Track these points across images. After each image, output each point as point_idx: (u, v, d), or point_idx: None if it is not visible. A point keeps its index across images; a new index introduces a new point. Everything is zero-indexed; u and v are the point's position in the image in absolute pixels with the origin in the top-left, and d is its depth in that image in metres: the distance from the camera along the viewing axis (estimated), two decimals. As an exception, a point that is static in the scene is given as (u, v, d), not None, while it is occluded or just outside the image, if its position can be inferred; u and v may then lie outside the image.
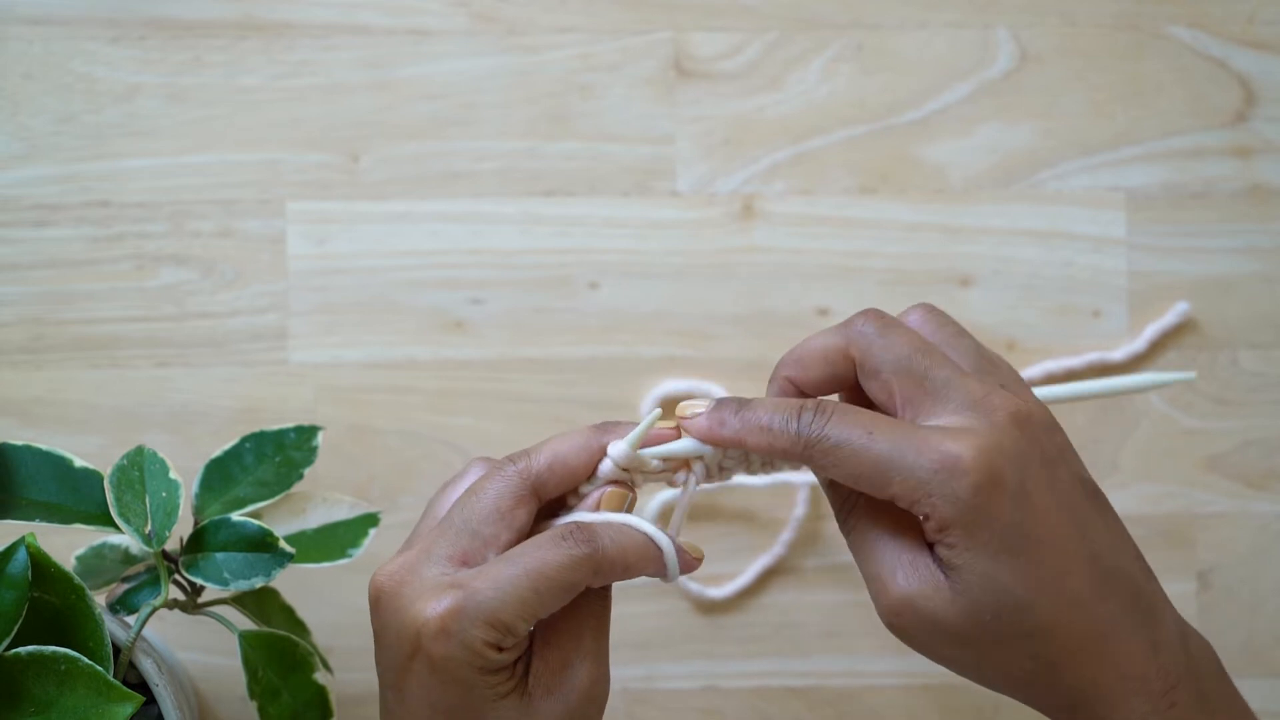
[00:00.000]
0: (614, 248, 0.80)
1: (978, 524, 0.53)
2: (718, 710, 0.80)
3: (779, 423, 0.55)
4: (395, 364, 0.80)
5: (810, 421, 0.55)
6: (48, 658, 0.57)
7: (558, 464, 0.56)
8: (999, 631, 0.53)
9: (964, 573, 0.53)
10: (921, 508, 0.53)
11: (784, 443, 0.55)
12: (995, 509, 0.53)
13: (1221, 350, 0.80)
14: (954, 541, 0.53)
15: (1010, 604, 0.53)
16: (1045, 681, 0.54)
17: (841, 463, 0.54)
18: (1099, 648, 0.54)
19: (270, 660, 0.65)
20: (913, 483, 0.53)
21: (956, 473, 0.52)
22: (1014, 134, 0.80)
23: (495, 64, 0.80)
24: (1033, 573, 0.53)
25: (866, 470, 0.53)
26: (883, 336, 0.56)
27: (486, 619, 0.52)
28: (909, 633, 0.55)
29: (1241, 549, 0.80)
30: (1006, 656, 0.54)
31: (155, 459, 0.64)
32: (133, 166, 0.80)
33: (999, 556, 0.53)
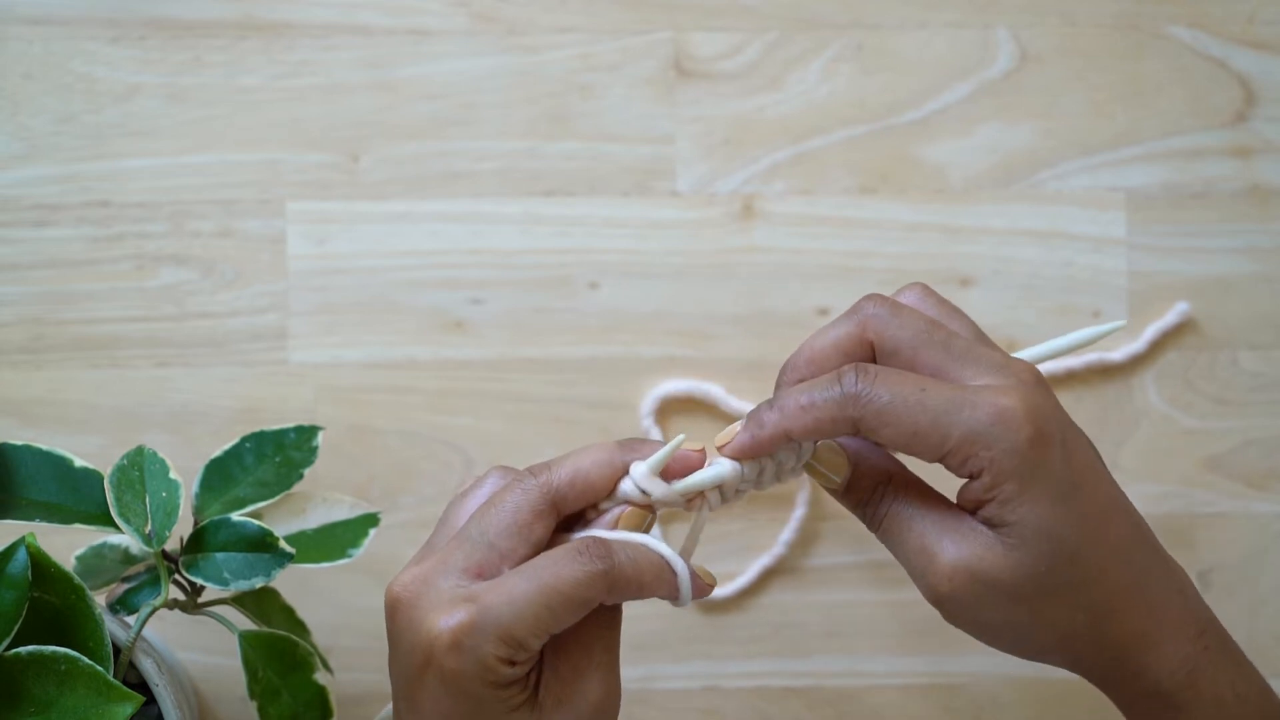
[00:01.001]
0: (614, 248, 0.80)
1: (1033, 475, 0.53)
2: (718, 710, 0.80)
3: (820, 395, 0.54)
4: (395, 364, 0.80)
5: (855, 383, 0.54)
6: (48, 658, 0.57)
7: (579, 480, 0.56)
8: (1052, 584, 0.54)
9: (1018, 526, 0.53)
10: (977, 462, 0.53)
11: (831, 411, 0.54)
12: (1048, 460, 0.54)
13: (1221, 350, 0.80)
14: (1009, 495, 0.53)
15: (1064, 554, 0.54)
16: (1092, 634, 0.55)
17: (896, 421, 0.53)
18: (1142, 595, 0.56)
19: (270, 660, 0.65)
20: (971, 436, 0.53)
21: (1013, 424, 0.53)
22: (1014, 134, 0.80)
23: (495, 64, 0.80)
24: (1081, 522, 0.54)
25: (924, 426, 0.53)
26: (896, 316, 0.56)
27: (499, 634, 0.52)
28: (962, 600, 0.54)
29: (1241, 549, 0.80)
30: (1058, 611, 0.55)
31: (155, 459, 0.64)
32: (133, 166, 0.80)
33: (1053, 506, 0.54)
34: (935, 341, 0.55)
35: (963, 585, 0.54)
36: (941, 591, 0.55)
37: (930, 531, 0.55)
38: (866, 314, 0.56)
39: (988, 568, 0.54)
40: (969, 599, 0.54)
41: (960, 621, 0.56)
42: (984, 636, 0.56)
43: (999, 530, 0.54)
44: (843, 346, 0.56)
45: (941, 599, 0.55)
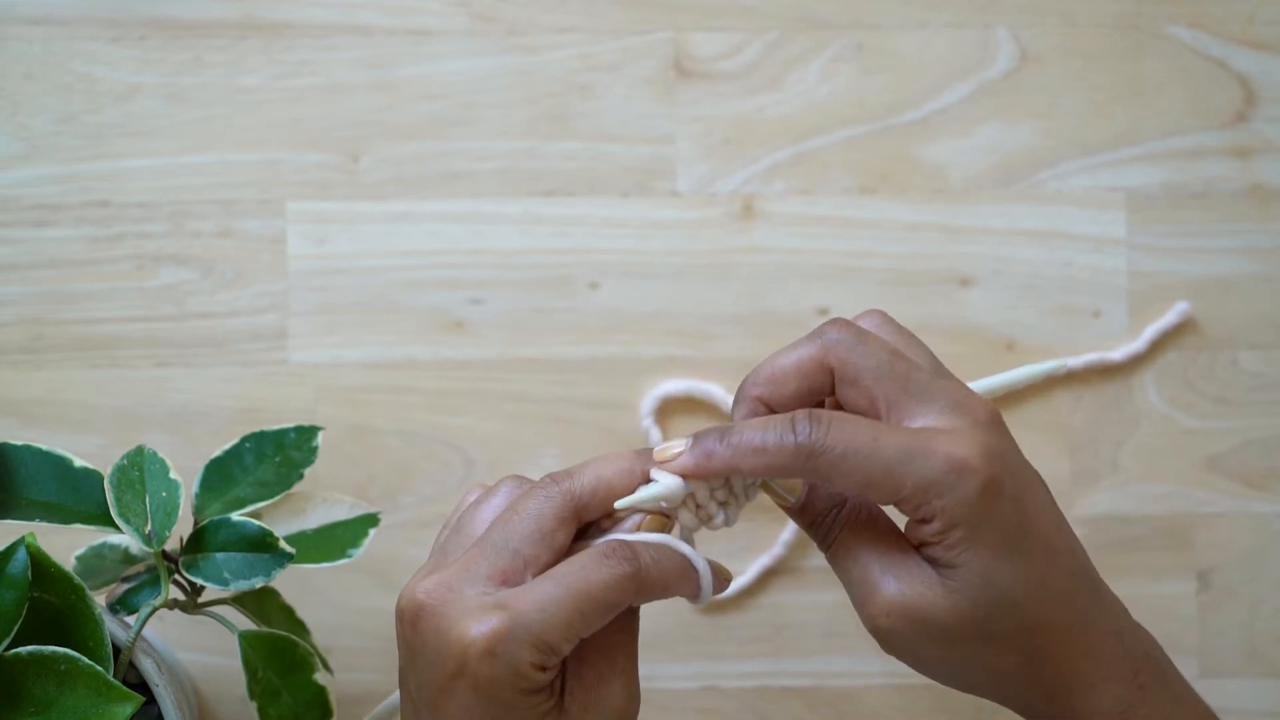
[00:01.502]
0: (614, 248, 0.80)
1: (982, 524, 0.53)
2: (717, 710, 0.80)
3: (773, 439, 0.54)
4: (395, 364, 0.80)
5: (809, 432, 0.54)
6: (48, 658, 0.57)
7: (601, 487, 0.55)
8: (990, 629, 0.54)
9: (962, 571, 0.54)
10: (929, 510, 0.53)
11: (783, 459, 0.54)
12: (998, 509, 0.54)
13: (1221, 350, 0.80)
14: (956, 541, 0.53)
15: (1004, 601, 0.54)
16: (1029, 675, 0.55)
17: (849, 472, 0.53)
18: (1079, 639, 0.56)
19: (270, 660, 0.65)
20: (924, 486, 0.53)
21: (965, 474, 0.53)
22: (1014, 134, 0.80)
23: (495, 64, 0.80)
24: (1026, 570, 0.54)
25: (877, 476, 0.53)
26: (859, 343, 0.56)
27: (533, 640, 0.52)
28: (898, 634, 0.55)
29: (1241, 549, 0.80)
30: (994, 653, 0.55)
31: (155, 459, 0.64)
32: (133, 166, 0.80)
33: (999, 555, 0.54)
34: (896, 374, 0.55)
35: (899, 622, 0.54)
36: (878, 625, 0.55)
37: (874, 564, 0.55)
38: (830, 339, 0.56)
39: (926, 607, 0.54)
40: (905, 635, 0.55)
41: (896, 654, 0.56)
42: (920, 669, 0.56)
43: (942, 571, 0.54)
44: (804, 369, 0.56)
45: (878, 632, 0.55)
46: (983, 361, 0.80)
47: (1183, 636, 0.80)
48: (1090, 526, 0.80)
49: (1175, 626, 0.80)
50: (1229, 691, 0.79)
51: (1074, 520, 0.79)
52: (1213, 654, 0.80)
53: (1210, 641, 0.80)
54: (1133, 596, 0.62)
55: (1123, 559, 0.80)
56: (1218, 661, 0.80)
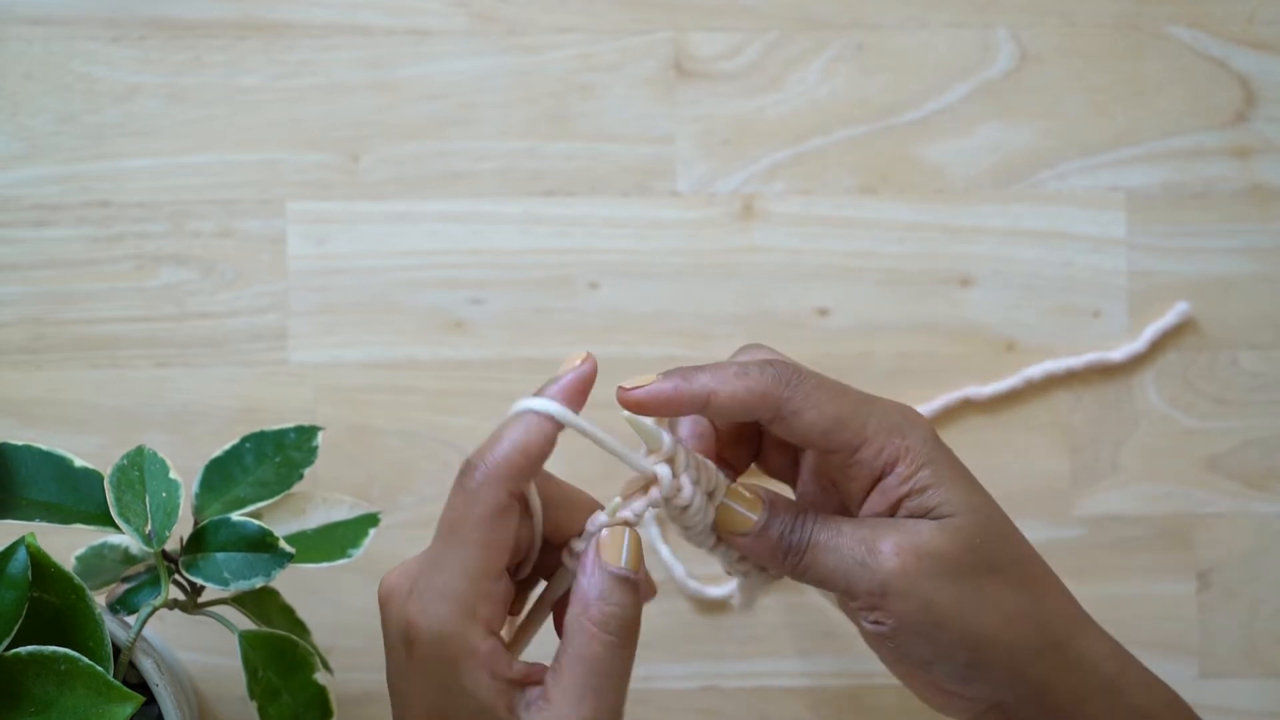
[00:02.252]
0: (614, 248, 0.80)
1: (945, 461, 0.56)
2: (717, 710, 0.80)
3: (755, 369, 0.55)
4: (395, 364, 0.80)
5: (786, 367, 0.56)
6: (48, 658, 0.57)
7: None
8: (991, 558, 0.55)
9: (947, 505, 0.55)
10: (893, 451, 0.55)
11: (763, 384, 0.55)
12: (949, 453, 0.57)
13: (1221, 350, 0.80)
14: (926, 480, 0.55)
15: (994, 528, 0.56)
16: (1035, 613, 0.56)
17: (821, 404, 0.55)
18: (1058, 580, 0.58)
19: (270, 660, 0.65)
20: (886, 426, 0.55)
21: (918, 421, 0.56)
22: (1014, 134, 0.80)
23: (495, 64, 0.80)
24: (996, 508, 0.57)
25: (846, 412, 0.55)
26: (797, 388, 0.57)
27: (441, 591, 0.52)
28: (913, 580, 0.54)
29: (1241, 549, 0.80)
30: (1002, 587, 0.55)
31: (155, 459, 0.64)
32: (133, 166, 0.80)
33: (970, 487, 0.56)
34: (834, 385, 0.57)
35: (909, 561, 0.54)
36: (890, 570, 0.54)
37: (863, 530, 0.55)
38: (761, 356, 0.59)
39: (929, 543, 0.54)
40: (917, 578, 0.54)
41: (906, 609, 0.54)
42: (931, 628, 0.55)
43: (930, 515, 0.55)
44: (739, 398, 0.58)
45: (889, 582, 0.54)
46: (983, 361, 0.80)
47: (1183, 636, 0.80)
48: (1090, 526, 0.80)
49: (1175, 626, 0.80)
50: (1229, 691, 0.79)
51: (1074, 520, 0.80)
52: (1213, 654, 0.80)
53: (1210, 641, 0.80)
54: (1133, 596, 0.62)
55: (1123, 559, 0.80)
56: (1218, 661, 0.80)
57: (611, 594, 0.54)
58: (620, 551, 0.55)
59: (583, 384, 0.56)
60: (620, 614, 0.54)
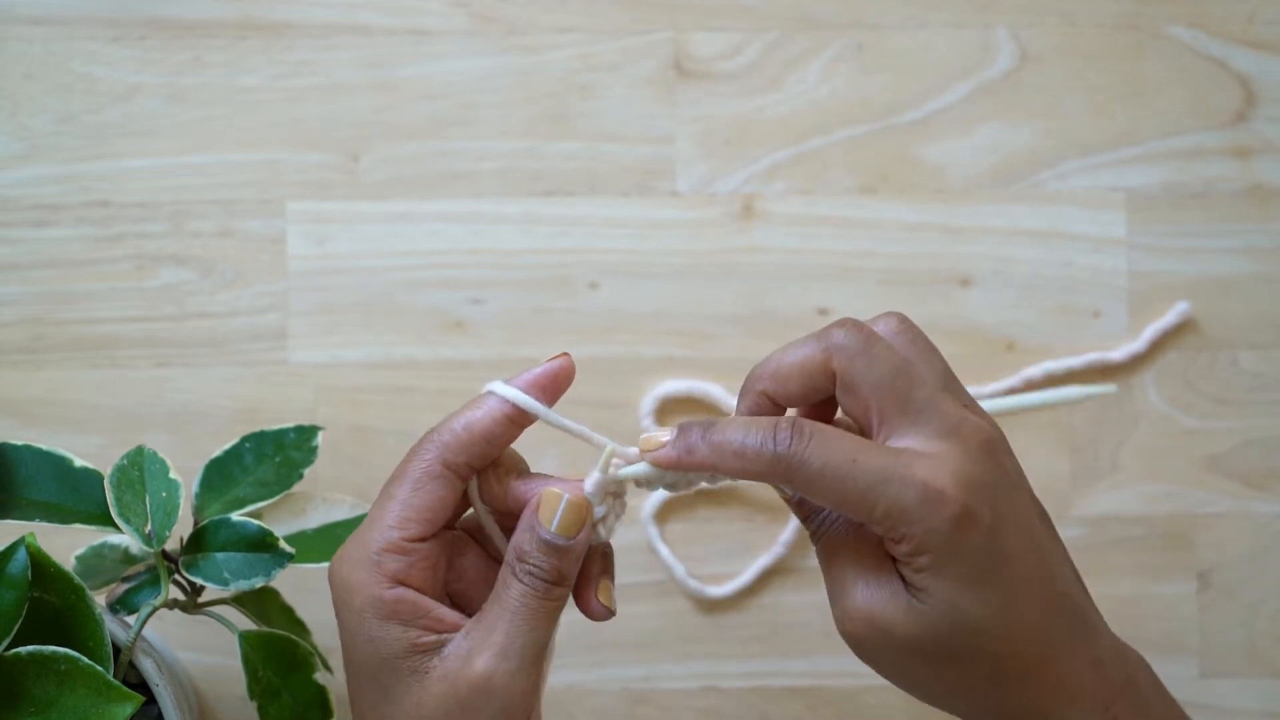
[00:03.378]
0: (614, 248, 0.80)
1: (952, 555, 0.53)
2: (717, 710, 0.80)
3: (753, 445, 0.54)
4: (395, 364, 0.80)
5: (789, 444, 0.54)
6: (48, 658, 0.57)
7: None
8: (953, 650, 0.54)
9: (928, 595, 0.54)
10: (898, 534, 0.53)
11: (760, 466, 0.54)
12: (970, 542, 0.53)
13: (1221, 350, 0.80)
14: (924, 566, 0.53)
15: (969, 628, 0.54)
16: (993, 701, 0.55)
17: (825, 489, 0.53)
18: (1047, 669, 0.55)
19: (270, 660, 0.65)
20: (897, 512, 0.53)
21: (939, 505, 0.53)
22: (1014, 134, 0.80)
23: (495, 64, 0.80)
24: (994, 602, 0.54)
25: (852, 496, 0.53)
26: (865, 353, 0.55)
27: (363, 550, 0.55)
28: (862, 640, 0.55)
29: (1241, 549, 0.80)
30: (958, 675, 0.55)
31: (155, 459, 0.64)
32: (133, 166, 0.80)
33: (965, 585, 0.53)
34: (896, 390, 0.55)
35: (863, 628, 0.55)
36: (845, 629, 0.55)
37: (850, 569, 0.55)
38: (835, 342, 0.56)
39: (890, 619, 0.54)
40: (868, 642, 0.55)
41: (862, 658, 0.56)
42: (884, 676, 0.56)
43: (912, 590, 0.54)
44: (808, 369, 0.56)
45: (844, 635, 0.56)
46: (983, 361, 0.80)
47: (1183, 636, 0.80)
48: (1090, 526, 0.80)
49: (1175, 626, 0.80)
50: (1229, 691, 0.79)
51: (1074, 520, 0.80)
52: (1213, 654, 0.80)
53: (1210, 641, 0.80)
54: (1133, 596, 0.62)
55: (1123, 559, 0.80)
56: (1218, 661, 0.80)
57: (533, 553, 0.56)
58: (553, 516, 0.56)
59: (551, 379, 0.59)
60: (541, 573, 0.56)
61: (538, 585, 0.56)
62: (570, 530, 0.56)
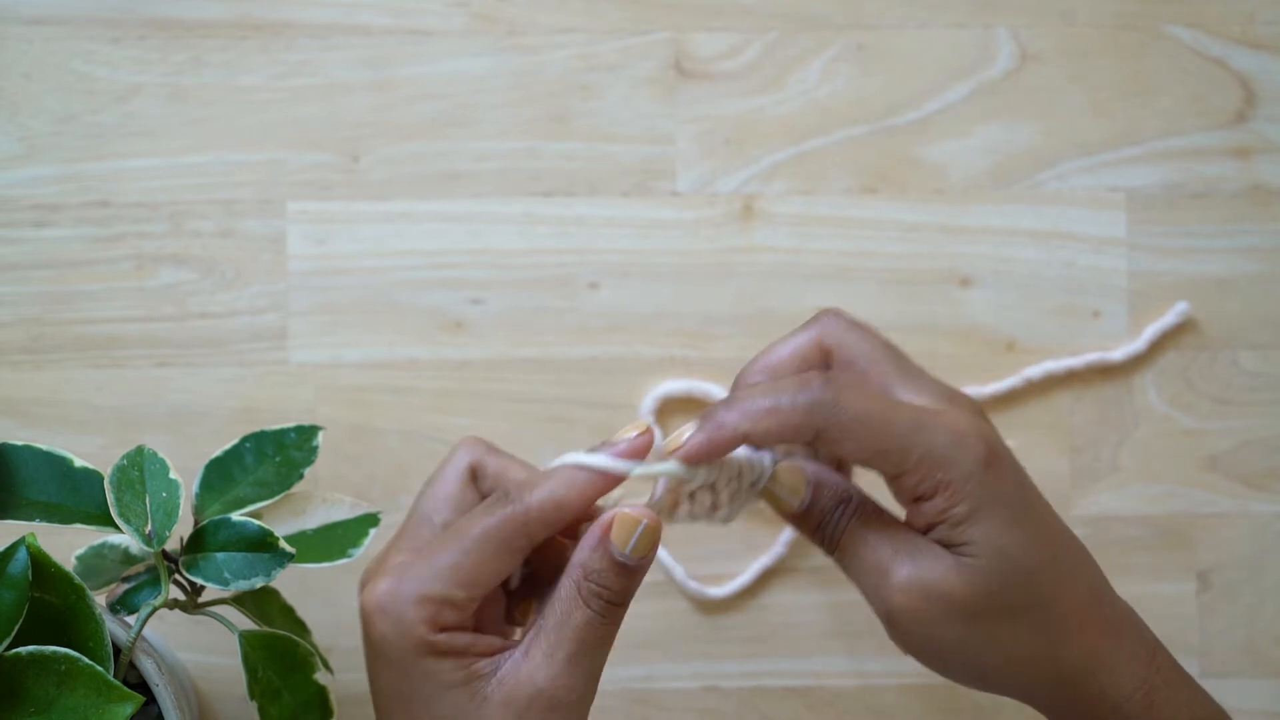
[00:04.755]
0: (614, 248, 0.80)
1: (987, 497, 0.54)
2: (717, 710, 0.80)
3: (786, 399, 0.54)
4: (395, 364, 0.80)
5: (823, 391, 0.54)
6: (48, 658, 0.57)
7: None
8: (1007, 603, 0.54)
9: (973, 546, 0.54)
10: (933, 483, 0.54)
11: (797, 417, 0.54)
12: (1001, 483, 0.54)
13: (1221, 350, 0.80)
14: (961, 516, 0.54)
15: (1018, 573, 0.54)
16: (1048, 655, 0.55)
17: (862, 435, 0.53)
18: (1095, 616, 0.56)
19: (270, 660, 0.65)
20: (930, 457, 0.53)
21: (969, 447, 0.54)
22: (1014, 134, 0.80)
23: (495, 64, 0.80)
24: (1034, 543, 0.55)
25: (889, 443, 0.53)
26: (854, 329, 0.57)
27: (419, 593, 0.53)
28: (916, 615, 0.54)
29: (1241, 549, 0.80)
30: (1014, 630, 0.54)
31: (155, 459, 0.64)
32: (133, 166, 0.80)
33: (1006, 526, 0.54)
34: (890, 359, 0.56)
35: (916, 600, 0.54)
36: (894, 605, 0.55)
37: (885, 549, 0.55)
38: (825, 324, 0.57)
39: (940, 582, 0.54)
40: (921, 615, 0.54)
41: (911, 640, 0.55)
42: (934, 659, 0.56)
43: (955, 549, 0.54)
44: (800, 354, 0.57)
45: (894, 614, 0.55)
46: (983, 361, 0.80)
47: (1183, 636, 0.80)
48: (1090, 526, 0.80)
49: (1175, 626, 0.80)
50: (1229, 691, 0.79)
51: (1074, 520, 0.80)
52: (1213, 654, 0.80)
53: (1210, 641, 0.80)
54: (1133, 596, 0.62)
55: (1123, 559, 0.80)
56: (1218, 661, 0.80)
57: (606, 574, 0.55)
58: (629, 538, 0.55)
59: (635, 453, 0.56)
60: (611, 596, 0.55)
61: (605, 609, 0.55)
62: (644, 551, 0.55)
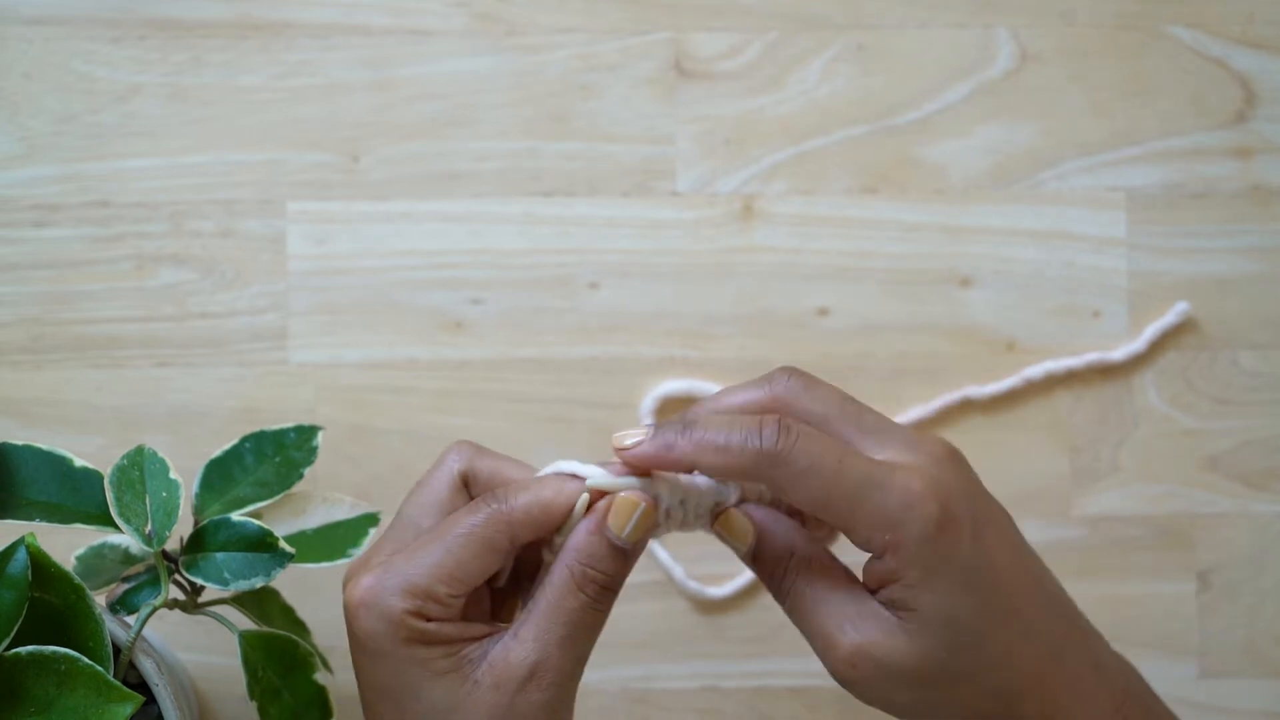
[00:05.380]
0: (614, 248, 0.80)
1: (938, 562, 0.52)
2: (717, 710, 0.80)
3: (738, 440, 0.53)
4: (395, 364, 0.80)
5: (776, 440, 0.52)
6: (48, 658, 0.57)
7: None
8: (957, 669, 0.53)
9: (921, 612, 0.53)
10: (882, 544, 0.52)
11: (745, 461, 0.53)
12: (955, 546, 0.53)
13: (1221, 350, 0.80)
14: (913, 580, 0.52)
15: (967, 640, 0.53)
16: (1005, 713, 0.54)
17: (809, 489, 0.52)
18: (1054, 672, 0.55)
19: (270, 660, 0.65)
20: (880, 516, 0.52)
21: (920, 509, 0.52)
22: (1014, 134, 0.80)
23: (495, 64, 0.80)
24: (989, 606, 0.53)
25: (836, 499, 0.52)
26: (810, 390, 0.55)
27: (403, 587, 0.53)
28: (866, 683, 0.53)
29: (1241, 549, 0.80)
30: (967, 694, 0.54)
31: (155, 459, 0.64)
32: (133, 166, 0.80)
33: (957, 594, 0.53)
34: (848, 415, 0.55)
35: (865, 670, 0.53)
36: (844, 676, 0.54)
37: (831, 615, 0.54)
38: (780, 385, 0.56)
39: (888, 653, 0.53)
40: (873, 682, 0.53)
41: (870, 702, 0.54)
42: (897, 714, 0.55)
43: (901, 615, 0.53)
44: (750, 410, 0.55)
45: (846, 683, 0.54)
46: (983, 361, 0.80)
47: (1183, 636, 0.80)
48: (1090, 526, 0.80)
49: (1175, 626, 0.80)
50: (1229, 691, 0.79)
51: (1074, 520, 0.80)
52: (1213, 654, 0.80)
53: (1210, 641, 0.80)
54: (1133, 596, 0.62)
55: (1123, 559, 0.80)
56: (1218, 661, 0.80)
57: (603, 559, 0.55)
58: (626, 522, 0.55)
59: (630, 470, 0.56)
60: (606, 581, 0.55)
61: (599, 593, 0.55)
62: (640, 534, 0.55)
